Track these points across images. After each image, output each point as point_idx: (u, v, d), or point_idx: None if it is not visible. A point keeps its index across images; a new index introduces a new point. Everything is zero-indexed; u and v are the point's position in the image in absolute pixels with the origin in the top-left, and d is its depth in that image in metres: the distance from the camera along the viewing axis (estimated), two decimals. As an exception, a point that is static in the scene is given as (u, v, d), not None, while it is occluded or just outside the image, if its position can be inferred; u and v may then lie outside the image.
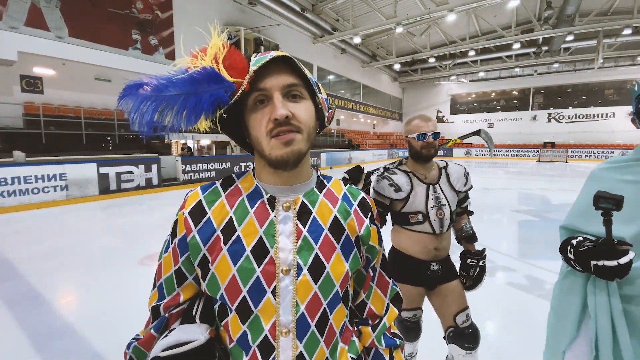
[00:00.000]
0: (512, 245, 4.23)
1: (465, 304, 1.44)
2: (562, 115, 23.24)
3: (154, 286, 0.61)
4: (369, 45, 20.32)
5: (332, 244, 0.59)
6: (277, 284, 0.55)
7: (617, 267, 0.87)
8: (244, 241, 0.55)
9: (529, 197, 7.66)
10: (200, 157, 10.82)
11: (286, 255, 0.56)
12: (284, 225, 0.57)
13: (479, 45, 17.82)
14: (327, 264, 0.58)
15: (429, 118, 1.38)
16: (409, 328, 1.44)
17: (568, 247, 1.00)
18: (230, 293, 0.54)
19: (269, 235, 0.56)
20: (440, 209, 1.37)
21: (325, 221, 0.60)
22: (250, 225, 0.56)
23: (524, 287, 2.96)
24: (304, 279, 0.56)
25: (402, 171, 1.43)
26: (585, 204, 1.06)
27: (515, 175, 12.99)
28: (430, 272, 1.42)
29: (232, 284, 0.54)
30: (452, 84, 26.65)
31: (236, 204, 0.58)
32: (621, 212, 0.97)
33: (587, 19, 15.20)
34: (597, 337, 0.98)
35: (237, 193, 0.60)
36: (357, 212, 0.64)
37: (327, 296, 0.57)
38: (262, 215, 0.57)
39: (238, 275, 0.54)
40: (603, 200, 0.90)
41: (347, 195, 0.66)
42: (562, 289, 1.10)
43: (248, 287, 0.54)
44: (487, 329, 2.32)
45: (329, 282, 0.58)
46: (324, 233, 0.59)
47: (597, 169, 1.08)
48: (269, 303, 0.54)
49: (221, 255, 0.55)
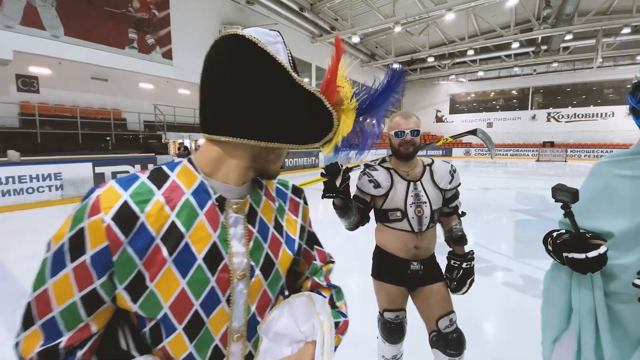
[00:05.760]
0: (509, 244, 4.20)
1: (449, 308, 1.39)
2: (561, 114, 23.20)
3: (31, 324, 0.44)
4: (368, 45, 20.29)
5: (278, 241, 0.59)
6: (232, 290, 0.52)
7: (587, 260, 0.86)
8: (193, 249, 0.48)
9: (527, 197, 7.63)
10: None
11: (240, 260, 0.52)
12: (235, 229, 0.53)
13: (478, 44, 17.80)
14: (276, 260, 0.57)
15: (409, 115, 1.35)
16: (392, 330, 1.40)
17: (548, 239, 1.00)
18: (178, 310, 0.47)
19: (222, 241, 0.51)
20: (419, 207, 1.35)
21: (269, 219, 0.59)
22: (201, 230, 0.49)
23: (520, 287, 2.93)
24: (256, 280, 0.54)
25: (384, 168, 1.42)
26: (583, 199, 1.05)
27: (514, 175, 12.97)
28: (410, 271, 1.39)
29: (181, 300, 0.47)
30: (451, 84, 26.62)
31: (179, 204, 0.48)
32: (614, 206, 0.95)
33: (586, 18, 15.18)
34: (579, 331, 0.96)
35: (177, 190, 0.50)
36: (292, 199, 0.66)
37: (275, 291, 0.58)
38: (214, 218, 0.51)
39: (189, 288, 0.47)
40: (559, 193, 0.91)
41: (280, 188, 0.66)
42: (551, 280, 1.10)
43: (201, 299, 0.49)
44: (483, 328, 2.29)
45: (277, 277, 0.58)
46: (271, 232, 0.58)
47: (598, 163, 1.07)
48: (222, 312, 0.51)
49: (165, 268, 0.46)
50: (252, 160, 0.52)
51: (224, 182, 0.53)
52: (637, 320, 0.88)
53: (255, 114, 0.47)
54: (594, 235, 0.95)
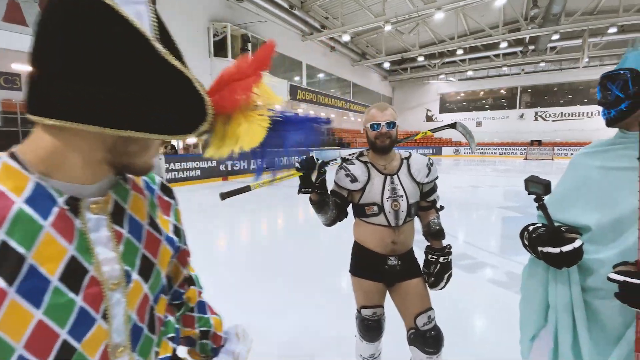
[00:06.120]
0: (497, 241, 4.22)
1: (427, 305, 1.36)
2: (549, 113, 23.59)
3: None
4: (359, 44, 20.31)
5: (156, 238, 0.52)
6: (107, 303, 0.43)
7: (562, 254, 0.83)
8: (43, 270, 0.38)
9: (515, 194, 7.70)
10: (184, 155, 10.61)
11: (111, 267, 0.44)
12: (98, 233, 0.43)
13: (467, 44, 17.99)
14: (155, 260, 0.50)
15: (385, 107, 1.32)
16: (369, 327, 1.37)
17: (524, 233, 0.97)
18: (39, 347, 0.38)
19: (83, 251, 0.41)
20: (395, 201, 1.31)
21: (142, 216, 0.50)
22: (49, 246, 0.38)
23: (505, 284, 2.92)
24: (135, 286, 0.47)
25: (362, 162, 1.39)
26: (559, 191, 1.04)
27: (502, 173, 13.12)
28: (388, 266, 1.36)
29: (40, 334, 0.38)
30: (441, 83, 26.85)
31: (8, 218, 0.36)
32: (591, 199, 0.93)
33: (572, 18, 15.44)
34: (556, 328, 0.93)
35: (2, 200, 0.37)
36: (161, 197, 0.57)
37: (155, 292, 0.51)
38: (66, 226, 0.40)
39: (49, 318, 0.38)
40: (532, 185, 0.89)
41: (147, 182, 0.56)
42: (528, 275, 1.07)
43: (69, 326, 0.39)
44: (468, 325, 2.27)
45: (157, 278, 0.51)
46: (145, 229, 0.50)
47: (576, 155, 1.06)
48: (98, 330, 0.42)
49: (7, 303, 0.35)
50: (106, 152, 0.41)
51: (69, 182, 0.41)
52: (615, 317, 0.85)
53: (99, 90, 0.35)
54: (570, 229, 0.92)
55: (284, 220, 5.88)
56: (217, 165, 10.71)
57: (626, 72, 0.84)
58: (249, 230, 5.12)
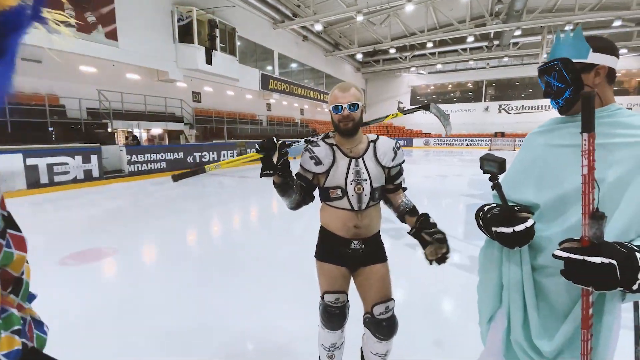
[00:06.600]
0: (461, 227, 4.36)
1: (387, 295, 1.34)
2: (511, 106, 24.85)
3: None
4: (332, 34, 20.15)
5: None
6: None
7: (514, 234, 0.82)
8: None
9: (479, 182, 8.03)
10: (147, 146, 10.06)
11: None
12: None
13: (436, 37, 18.39)
14: None
15: (348, 87, 1.24)
16: (331, 314, 1.33)
17: (480, 214, 0.96)
18: None
19: None
20: (359, 184, 1.27)
21: None
22: None
23: (468, 267, 3.02)
24: None
25: (327, 144, 1.33)
26: (512, 171, 1.03)
27: (468, 163, 13.68)
28: (350, 250, 1.32)
29: None
30: (412, 76, 27.40)
31: None
32: (541, 177, 0.92)
33: (533, 15, 16.21)
34: (509, 308, 0.94)
35: None
36: None
37: None
38: None
39: None
40: (487, 163, 0.87)
41: None
42: (484, 257, 1.06)
43: None
44: (432, 310, 2.31)
45: None
46: None
47: (529, 134, 1.05)
48: None
49: None
50: None
51: None
52: (562, 294, 0.86)
53: None
54: (523, 209, 0.92)
55: (257, 212, 5.75)
56: (185, 157, 10.28)
57: (557, 63, 0.87)
58: (219, 225, 4.95)
